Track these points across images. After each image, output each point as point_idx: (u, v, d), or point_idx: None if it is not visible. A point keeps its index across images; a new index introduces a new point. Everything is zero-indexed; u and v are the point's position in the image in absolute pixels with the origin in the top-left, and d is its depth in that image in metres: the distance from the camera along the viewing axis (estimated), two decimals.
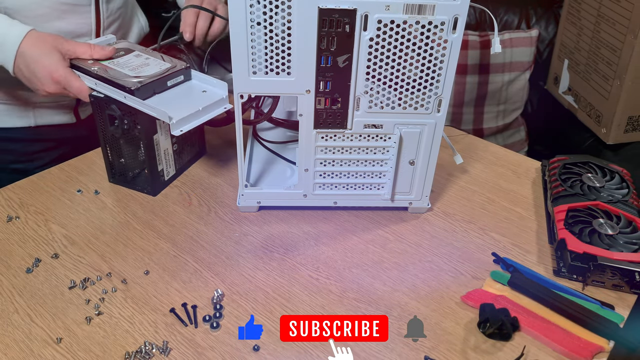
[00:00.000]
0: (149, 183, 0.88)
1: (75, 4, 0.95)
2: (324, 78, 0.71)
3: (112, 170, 0.90)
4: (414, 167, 0.80)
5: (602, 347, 0.64)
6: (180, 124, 0.77)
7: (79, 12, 0.96)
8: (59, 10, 0.93)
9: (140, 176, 0.89)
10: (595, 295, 0.72)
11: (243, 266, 0.75)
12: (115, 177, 0.90)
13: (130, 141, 0.85)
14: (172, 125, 0.76)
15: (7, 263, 0.75)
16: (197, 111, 0.79)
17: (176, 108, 0.78)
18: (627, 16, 1.30)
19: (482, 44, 1.60)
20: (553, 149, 1.61)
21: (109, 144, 0.87)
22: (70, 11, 0.95)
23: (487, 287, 0.72)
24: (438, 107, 0.75)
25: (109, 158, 0.89)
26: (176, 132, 0.77)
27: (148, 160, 0.85)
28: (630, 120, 1.39)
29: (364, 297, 0.71)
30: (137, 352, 0.63)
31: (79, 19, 0.96)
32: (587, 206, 0.80)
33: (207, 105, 0.81)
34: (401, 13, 0.66)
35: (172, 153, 0.90)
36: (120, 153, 0.87)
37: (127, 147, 0.86)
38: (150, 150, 0.85)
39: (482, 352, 0.64)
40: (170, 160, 0.90)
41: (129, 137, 0.85)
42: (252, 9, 0.66)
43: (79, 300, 0.70)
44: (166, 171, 0.90)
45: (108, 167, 0.90)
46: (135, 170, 0.89)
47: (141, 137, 0.83)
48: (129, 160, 0.88)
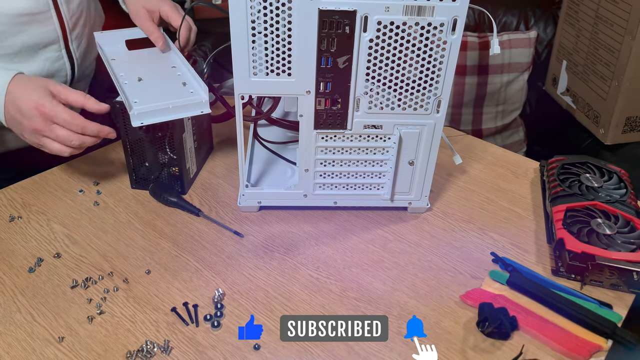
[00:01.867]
0: (181, 183, 0.88)
1: (34, 12, 0.87)
2: (324, 79, 0.72)
3: (135, 176, 0.89)
4: (413, 167, 0.81)
5: (601, 346, 0.64)
6: (142, 117, 0.75)
7: (40, 20, 0.88)
8: (18, 23, 0.86)
9: (160, 178, 0.89)
10: (593, 294, 0.72)
11: (244, 266, 0.76)
12: (138, 182, 0.90)
13: (156, 143, 0.85)
14: (132, 117, 0.75)
15: (9, 262, 0.75)
16: (165, 108, 0.77)
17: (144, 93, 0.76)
18: (625, 17, 1.30)
19: (481, 45, 1.60)
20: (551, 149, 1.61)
21: (133, 150, 0.86)
22: (30, 22, 0.87)
23: (486, 286, 0.73)
24: (437, 108, 0.75)
25: (132, 165, 0.87)
26: (136, 123, 0.75)
27: (179, 160, 0.86)
28: (628, 120, 1.40)
29: (364, 296, 0.72)
30: (139, 351, 0.63)
31: (41, 27, 0.89)
32: (585, 206, 0.80)
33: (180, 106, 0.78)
34: (401, 14, 0.67)
35: (194, 150, 0.91)
36: (144, 157, 0.87)
37: (151, 150, 0.86)
38: (180, 149, 0.85)
39: (481, 351, 0.65)
40: (193, 157, 0.91)
41: (155, 139, 0.84)
42: (252, 10, 0.66)
43: (81, 299, 0.70)
44: (191, 169, 0.91)
45: (131, 173, 0.89)
46: (156, 173, 0.89)
47: (175, 136, 0.83)
48: (152, 163, 0.87)
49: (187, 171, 0.89)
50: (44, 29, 0.90)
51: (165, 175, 0.88)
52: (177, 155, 0.85)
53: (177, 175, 0.88)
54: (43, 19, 0.89)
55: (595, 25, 1.43)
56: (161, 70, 0.89)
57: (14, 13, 0.85)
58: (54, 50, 0.93)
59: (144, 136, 0.84)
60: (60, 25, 0.92)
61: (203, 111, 0.79)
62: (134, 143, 0.85)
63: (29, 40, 0.88)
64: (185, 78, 0.85)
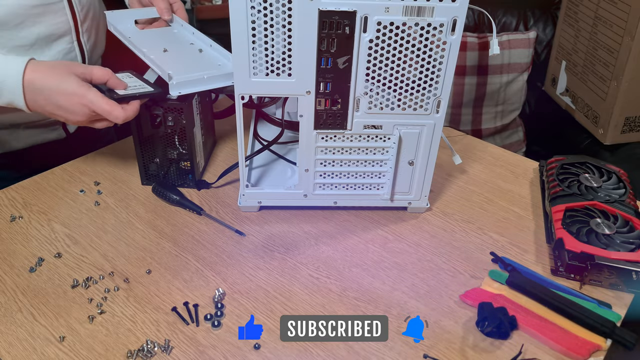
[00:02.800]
0: (193, 177, 0.89)
1: (48, 3, 0.89)
2: (324, 79, 0.72)
3: (147, 172, 0.90)
4: (413, 167, 0.81)
5: (600, 345, 0.65)
6: (180, 87, 0.77)
7: (53, 10, 0.90)
8: (34, 14, 0.88)
9: (170, 173, 0.90)
10: (592, 294, 0.72)
11: (244, 265, 0.76)
12: (149, 178, 0.90)
13: (167, 139, 0.86)
14: (171, 86, 0.77)
15: (10, 262, 0.75)
16: (200, 79, 0.79)
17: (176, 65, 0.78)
18: (624, 18, 1.31)
19: (481, 46, 1.61)
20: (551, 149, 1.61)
21: (144, 146, 0.87)
22: (45, 12, 0.89)
23: (486, 286, 0.73)
24: (437, 108, 0.75)
25: (143, 161, 0.88)
26: (174, 93, 0.77)
27: (190, 154, 0.86)
28: (627, 121, 1.40)
29: (364, 296, 0.72)
30: (139, 350, 0.64)
31: (54, 18, 0.91)
32: (584, 206, 0.80)
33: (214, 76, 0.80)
34: (400, 15, 0.67)
35: (202, 144, 0.91)
36: (154, 154, 0.88)
37: (161, 146, 0.87)
38: (191, 144, 0.86)
39: (481, 351, 0.65)
40: (201, 151, 0.92)
41: (167, 135, 0.85)
42: (252, 11, 0.66)
43: (82, 299, 0.70)
44: (200, 163, 0.92)
45: (142, 170, 0.89)
46: (165, 169, 0.89)
47: (187, 130, 0.84)
48: (162, 159, 0.88)
49: (197, 165, 0.90)
50: (58, 19, 0.91)
51: (174, 170, 0.89)
52: (189, 150, 0.86)
53: (187, 169, 0.88)
54: (56, 10, 0.91)
55: (595, 25, 1.44)
56: (181, 46, 0.91)
57: (30, 4, 0.86)
58: (66, 42, 0.94)
59: (157, 132, 0.84)
60: (72, 16, 0.94)
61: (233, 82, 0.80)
62: (145, 139, 0.86)
63: (45, 31, 0.90)
64: (207, 52, 0.88)
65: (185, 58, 0.87)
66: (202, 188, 0.90)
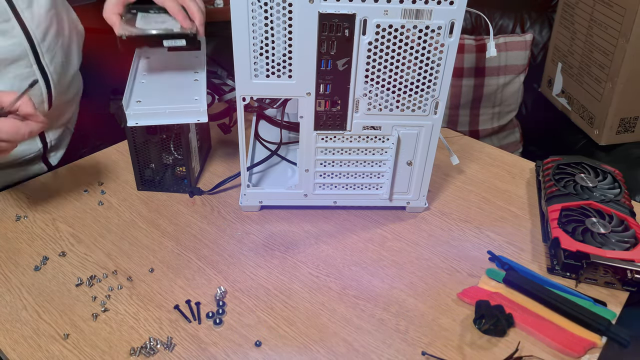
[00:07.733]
0: (189, 182, 0.90)
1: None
2: (324, 81, 0.73)
3: (142, 178, 0.90)
4: (411, 167, 0.82)
5: (595, 342, 0.65)
6: (136, 118, 0.77)
7: (1, 31, 0.79)
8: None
9: (165, 178, 0.90)
10: (588, 292, 0.73)
11: (245, 264, 0.77)
12: (144, 184, 0.91)
13: (162, 144, 0.86)
14: (128, 116, 0.77)
15: (15, 261, 0.76)
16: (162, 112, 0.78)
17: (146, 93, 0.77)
18: (619, 20, 1.32)
19: (478, 48, 1.62)
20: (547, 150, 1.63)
21: (139, 152, 0.86)
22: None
23: (483, 284, 0.74)
24: (435, 109, 0.76)
25: (138, 167, 0.88)
26: (131, 123, 0.77)
27: (185, 159, 0.87)
28: (622, 122, 1.42)
29: (363, 294, 0.73)
30: (142, 347, 0.64)
31: (4, 40, 0.80)
32: (580, 205, 0.81)
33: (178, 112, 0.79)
34: (399, 18, 0.68)
35: (197, 150, 0.92)
36: (149, 159, 0.88)
37: (156, 151, 0.87)
38: (186, 149, 0.86)
39: (478, 348, 0.66)
40: (196, 156, 0.92)
41: (162, 140, 0.85)
42: (253, 14, 0.67)
43: (86, 297, 0.71)
44: (196, 168, 0.92)
45: (137, 176, 0.89)
46: (161, 174, 0.90)
47: (183, 136, 0.84)
48: (157, 165, 0.89)
49: (193, 170, 0.91)
50: (8, 42, 0.81)
51: (170, 175, 0.89)
52: (184, 155, 0.86)
53: (183, 175, 0.89)
54: (4, 30, 0.80)
55: (590, 28, 1.45)
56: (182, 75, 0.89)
57: None
58: (23, 67, 0.84)
59: (153, 138, 0.85)
60: (26, 36, 0.82)
61: (199, 119, 0.81)
62: (140, 145, 0.86)
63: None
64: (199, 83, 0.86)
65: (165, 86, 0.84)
66: (195, 195, 0.90)
